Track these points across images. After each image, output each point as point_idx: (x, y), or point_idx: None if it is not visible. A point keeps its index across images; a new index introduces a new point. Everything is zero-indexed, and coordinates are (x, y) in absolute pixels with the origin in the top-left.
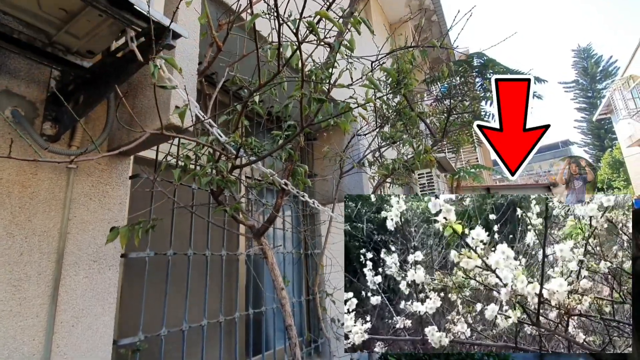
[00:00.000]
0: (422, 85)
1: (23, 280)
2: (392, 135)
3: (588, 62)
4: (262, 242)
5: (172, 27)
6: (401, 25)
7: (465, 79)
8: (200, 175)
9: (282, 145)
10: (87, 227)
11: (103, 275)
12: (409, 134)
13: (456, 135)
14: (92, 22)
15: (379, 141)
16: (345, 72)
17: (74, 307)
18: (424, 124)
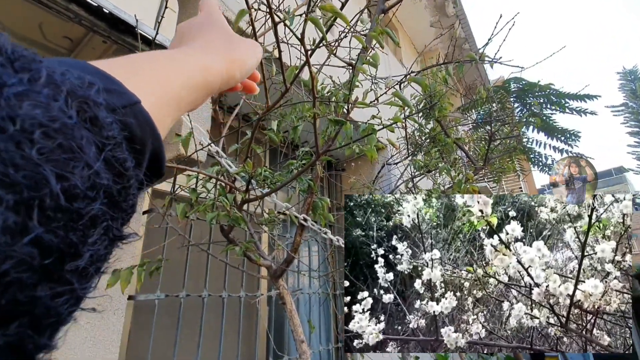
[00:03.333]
0: (456, 113)
1: None
2: (426, 163)
3: (636, 85)
4: (279, 285)
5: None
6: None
7: (503, 105)
8: (202, 210)
9: (296, 176)
10: None
11: (106, 321)
12: (446, 161)
13: (499, 163)
14: (97, 50)
15: (412, 170)
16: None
17: (71, 359)
18: (462, 151)
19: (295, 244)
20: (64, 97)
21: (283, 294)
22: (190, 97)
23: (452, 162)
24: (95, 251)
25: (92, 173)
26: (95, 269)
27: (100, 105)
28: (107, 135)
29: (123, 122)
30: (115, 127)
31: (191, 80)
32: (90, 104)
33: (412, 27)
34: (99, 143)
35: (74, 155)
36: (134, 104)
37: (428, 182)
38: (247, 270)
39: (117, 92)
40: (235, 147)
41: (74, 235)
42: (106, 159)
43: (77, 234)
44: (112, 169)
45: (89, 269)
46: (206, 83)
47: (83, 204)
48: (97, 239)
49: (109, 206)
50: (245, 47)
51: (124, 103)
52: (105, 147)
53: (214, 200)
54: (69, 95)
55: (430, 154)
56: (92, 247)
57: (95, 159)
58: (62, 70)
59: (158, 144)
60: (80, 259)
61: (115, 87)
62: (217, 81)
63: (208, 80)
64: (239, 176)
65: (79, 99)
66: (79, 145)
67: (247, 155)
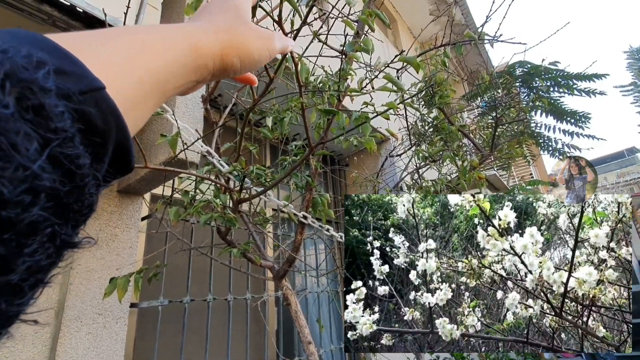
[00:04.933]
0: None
1: (17, 341)
2: (430, 153)
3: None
4: (282, 285)
5: None
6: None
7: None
8: (194, 212)
9: (289, 172)
10: (92, 275)
11: (109, 330)
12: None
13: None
14: None
15: (416, 161)
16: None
17: None
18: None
19: (296, 243)
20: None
21: (287, 295)
22: (177, 80)
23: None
24: (35, 262)
25: (29, 175)
26: (34, 282)
27: (48, 91)
28: (54, 128)
29: (79, 112)
30: (67, 118)
31: (176, 60)
32: (34, 89)
33: (411, 17)
34: (42, 138)
35: (3, 154)
36: (95, 90)
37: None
38: (250, 273)
39: (76, 75)
40: (227, 145)
41: (2, 247)
42: (52, 156)
43: (7, 245)
44: (60, 167)
45: (25, 283)
46: (195, 65)
47: (15, 211)
48: (37, 248)
49: (55, 209)
50: (254, 36)
51: (82, 88)
52: (51, 143)
53: (205, 201)
54: (8, 77)
55: (434, 143)
56: (30, 257)
57: (34, 158)
58: (5, 46)
59: (124, 136)
60: (11, 273)
61: (74, 68)
62: (209, 65)
63: (198, 63)
64: (232, 175)
65: (21, 83)
66: (12, 143)
67: (238, 154)
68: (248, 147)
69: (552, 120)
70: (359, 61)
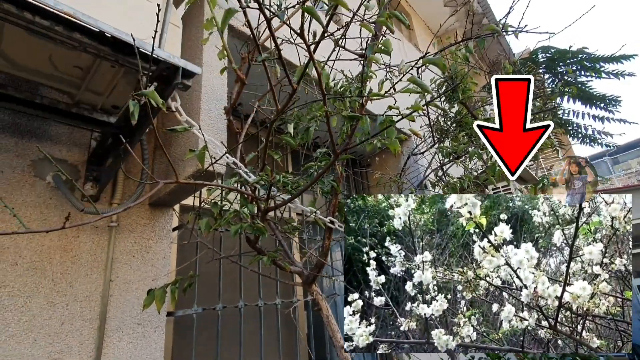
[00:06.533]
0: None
1: (64, 353)
2: (454, 149)
3: None
4: (312, 290)
5: (182, 65)
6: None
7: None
8: (224, 224)
9: (315, 179)
10: (130, 287)
11: (148, 339)
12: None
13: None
14: (107, 75)
15: (440, 158)
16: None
17: None
18: None
19: (324, 248)
20: None
21: (317, 300)
22: None
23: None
24: None
25: None
26: None
27: None
28: None
29: None
30: None
31: None
32: None
33: (425, 10)
34: None
35: None
36: None
37: (458, 169)
38: (280, 279)
39: None
40: (252, 155)
41: None
42: None
43: None
44: None
45: None
46: None
47: None
48: None
49: None
50: None
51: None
52: None
53: (234, 212)
54: None
55: (457, 139)
56: None
57: None
58: None
59: None
60: None
61: None
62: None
63: None
64: (259, 185)
65: None
66: None
67: (263, 163)
68: (271, 155)
69: (581, 106)
70: (378, 63)
